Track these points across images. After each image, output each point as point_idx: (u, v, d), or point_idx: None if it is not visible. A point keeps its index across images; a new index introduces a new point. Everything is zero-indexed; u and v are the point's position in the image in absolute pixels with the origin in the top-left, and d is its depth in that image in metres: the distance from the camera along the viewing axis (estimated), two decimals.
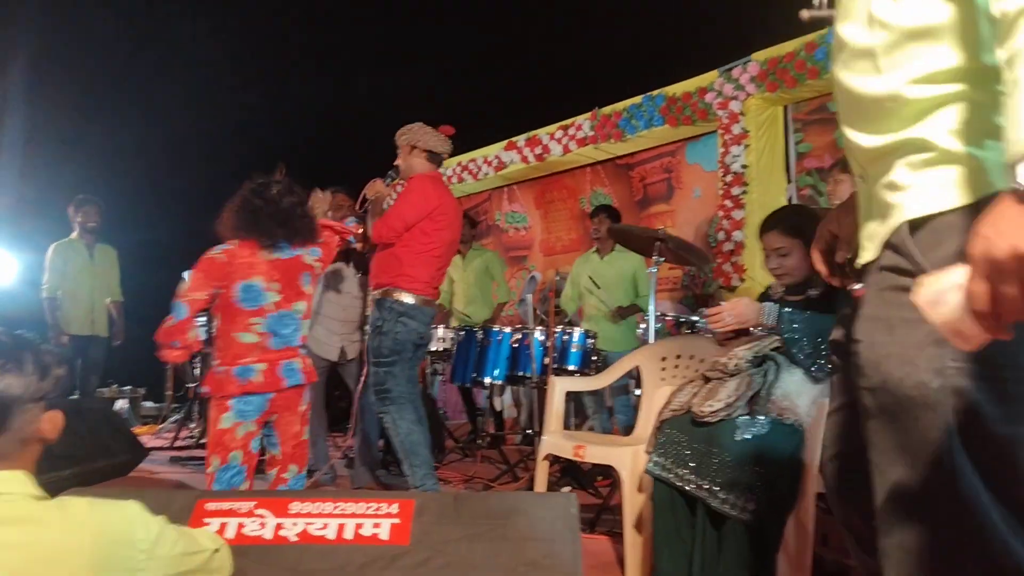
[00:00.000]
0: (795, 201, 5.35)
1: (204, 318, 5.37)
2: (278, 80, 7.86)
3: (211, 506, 1.73)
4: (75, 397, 5.05)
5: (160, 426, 6.72)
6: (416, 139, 3.53)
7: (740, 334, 2.36)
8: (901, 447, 0.91)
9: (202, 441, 5.54)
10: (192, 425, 6.11)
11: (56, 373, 1.35)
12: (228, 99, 7.75)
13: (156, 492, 1.77)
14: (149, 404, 7.57)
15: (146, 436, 5.89)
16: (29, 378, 1.29)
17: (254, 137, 7.89)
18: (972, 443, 0.86)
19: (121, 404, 6.92)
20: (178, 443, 5.65)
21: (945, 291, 0.78)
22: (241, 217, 2.65)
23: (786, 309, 2.20)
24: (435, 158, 3.59)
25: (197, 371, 6.29)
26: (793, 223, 2.29)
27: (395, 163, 3.63)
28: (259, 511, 1.74)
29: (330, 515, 1.72)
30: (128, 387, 7.24)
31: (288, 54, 7.86)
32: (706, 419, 2.11)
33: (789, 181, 5.40)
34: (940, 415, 0.87)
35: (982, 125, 0.92)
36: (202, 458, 5.13)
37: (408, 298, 3.36)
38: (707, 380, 2.29)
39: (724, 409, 2.10)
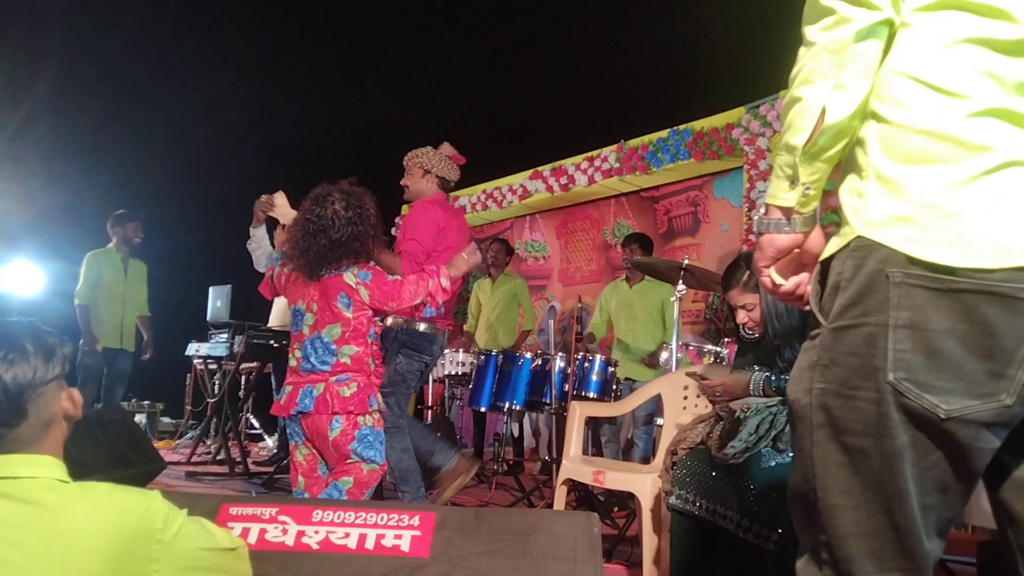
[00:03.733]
0: None
1: (225, 335, 5.42)
2: (302, 97, 7.98)
3: (235, 511, 1.74)
4: (97, 407, 5.09)
5: (177, 441, 6.75)
6: (431, 164, 3.50)
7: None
8: (795, 446, 1.13)
9: (219, 458, 5.55)
10: (209, 441, 6.13)
11: (62, 352, 1.37)
12: (249, 111, 7.88)
13: (181, 495, 1.78)
14: (167, 419, 7.62)
15: (163, 451, 5.91)
16: (36, 362, 1.30)
17: (277, 149, 8.01)
18: (836, 450, 1.06)
19: (139, 418, 6.97)
20: (195, 459, 5.66)
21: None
22: (294, 242, 2.59)
23: (766, 374, 2.29)
24: (445, 185, 3.58)
25: (216, 387, 6.34)
26: (752, 280, 2.34)
27: (402, 183, 3.60)
28: (282, 517, 1.74)
29: (352, 524, 1.72)
30: (147, 402, 7.29)
31: (312, 73, 7.98)
32: (730, 462, 2.09)
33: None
34: (808, 426, 1.09)
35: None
36: (218, 474, 5.19)
37: (418, 326, 3.28)
38: (719, 419, 2.29)
39: (745, 451, 2.09)
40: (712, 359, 3.54)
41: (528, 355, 4.41)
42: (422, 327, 3.30)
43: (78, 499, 1.26)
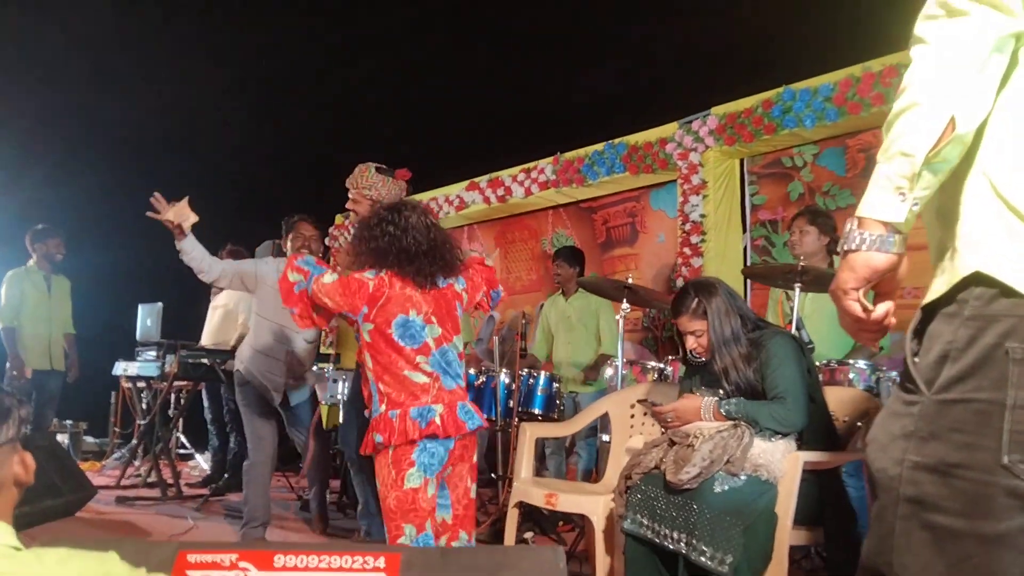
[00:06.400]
0: (749, 251, 5.53)
1: (154, 353, 5.24)
2: (237, 110, 7.78)
3: (193, 558, 1.70)
4: (24, 432, 4.85)
5: (104, 463, 6.49)
6: (380, 195, 3.29)
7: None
8: (874, 515, 1.07)
9: (150, 480, 5.36)
10: (138, 463, 5.91)
11: (19, 415, 1.32)
12: (178, 126, 7.65)
13: (135, 542, 1.72)
14: (90, 439, 7.30)
15: (90, 473, 5.67)
16: None
17: (207, 164, 7.79)
18: (921, 527, 1.00)
19: (62, 438, 6.66)
20: (124, 481, 5.46)
21: None
22: (387, 253, 2.33)
23: (715, 399, 2.36)
24: None
25: (146, 407, 6.12)
26: (700, 307, 2.43)
27: (348, 207, 3.51)
28: (242, 564, 1.71)
29: (316, 569, 1.70)
30: (69, 422, 6.97)
31: (243, 87, 7.81)
32: (685, 487, 2.16)
33: (744, 231, 5.58)
34: (893, 498, 1.02)
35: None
36: (151, 498, 5.01)
37: None
38: (672, 443, 2.36)
39: (699, 476, 2.15)
40: (656, 376, 3.63)
41: (472, 371, 4.41)
42: None
43: (33, 567, 1.22)
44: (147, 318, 5.60)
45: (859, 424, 2.57)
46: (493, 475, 4.55)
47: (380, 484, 2.25)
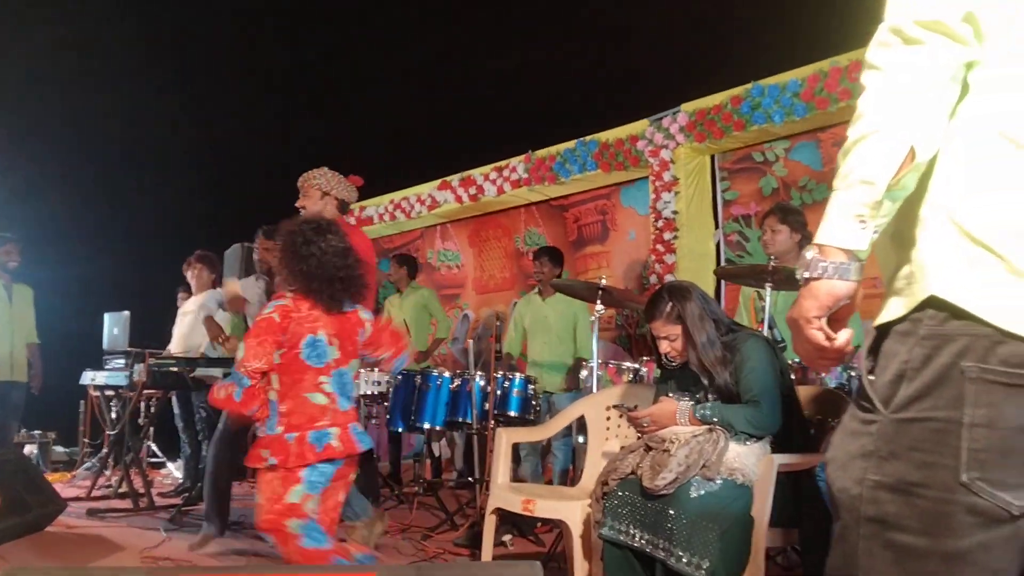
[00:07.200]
0: (723, 246, 5.55)
1: (122, 362, 5.15)
2: (204, 118, 7.66)
3: None
4: None
5: (74, 473, 6.37)
6: (330, 186, 3.48)
7: None
8: (837, 535, 1.07)
9: (121, 491, 5.26)
10: (108, 472, 5.81)
11: None
12: (147, 136, 7.53)
13: (103, 571, 1.69)
14: (60, 449, 7.16)
15: (60, 484, 5.57)
16: None
17: (174, 173, 7.68)
18: (884, 546, 1.01)
19: (30, 449, 6.53)
20: (95, 492, 5.36)
21: None
22: (300, 274, 2.42)
23: (691, 403, 2.37)
24: (344, 207, 3.57)
25: (115, 416, 6.01)
26: (675, 311, 2.44)
27: (298, 204, 3.54)
28: None
29: None
30: (37, 432, 6.83)
31: (212, 89, 7.69)
32: (661, 492, 2.16)
33: (716, 227, 5.60)
34: (855, 518, 1.03)
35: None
36: (123, 510, 4.92)
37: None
38: (648, 449, 2.36)
39: (675, 481, 2.15)
40: (631, 376, 3.63)
41: (447, 374, 4.39)
42: None
43: None
44: (114, 327, 5.49)
45: (831, 421, 2.59)
46: (471, 478, 4.53)
47: (263, 497, 2.31)
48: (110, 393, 5.90)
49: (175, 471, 6.39)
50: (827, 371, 1.15)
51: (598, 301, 3.54)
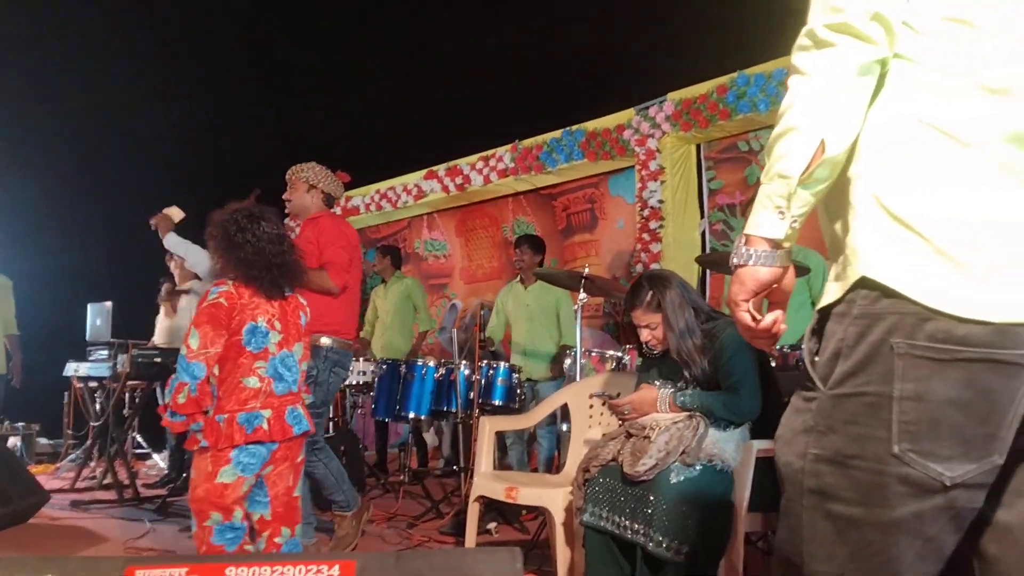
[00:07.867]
0: (708, 235, 5.57)
1: (105, 353, 5.12)
2: (188, 107, 7.60)
3: (141, 574, 1.65)
4: None
5: (59, 465, 6.33)
6: (317, 179, 3.51)
7: None
8: (783, 508, 1.13)
9: (106, 482, 5.25)
10: (93, 464, 5.78)
11: None
12: (130, 126, 7.47)
13: (80, 560, 1.67)
14: (44, 440, 7.12)
15: (44, 476, 5.54)
16: None
17: (155, 163, 7.61)
18: (824, 517, 1.06)
19: (14, 441, 6.49)
20: (80, 484, 5.33)
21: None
22: (238, 261, 2.43)
23: (671, 391, 2.39)
24: (330, 201, 3.60)
25: (99, 407, 5.98)
26: (655, 300, 2.45)
27: (284, 197, 3.58)
28: None
29: None
30: (21, 424, 6.79)
31: (195, 79, 7.63)
32: (642, 479, 2.17)
33: (702, 216, 5.61)
34: (798, 490, 1.08)
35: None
36: (107, 501, 4.90)
37: (337, 344, 3.34)
38: (629, 436, 2.37)
39: (655, 467, 2.17)
40: (613, 365, 3.64)
41: (432, 363, 4.39)
42: (345, 344, 3.39)
43: None
44: (96, 318, 5.46)
45: None
46: (456, 467, 4.53)
47: (195, 474, 2.37)
48: (94, 384, 5.86)
49: (160, 462, 6.37)
50: (768, 348, 1.24)
51: (581, 289, 3.54)
